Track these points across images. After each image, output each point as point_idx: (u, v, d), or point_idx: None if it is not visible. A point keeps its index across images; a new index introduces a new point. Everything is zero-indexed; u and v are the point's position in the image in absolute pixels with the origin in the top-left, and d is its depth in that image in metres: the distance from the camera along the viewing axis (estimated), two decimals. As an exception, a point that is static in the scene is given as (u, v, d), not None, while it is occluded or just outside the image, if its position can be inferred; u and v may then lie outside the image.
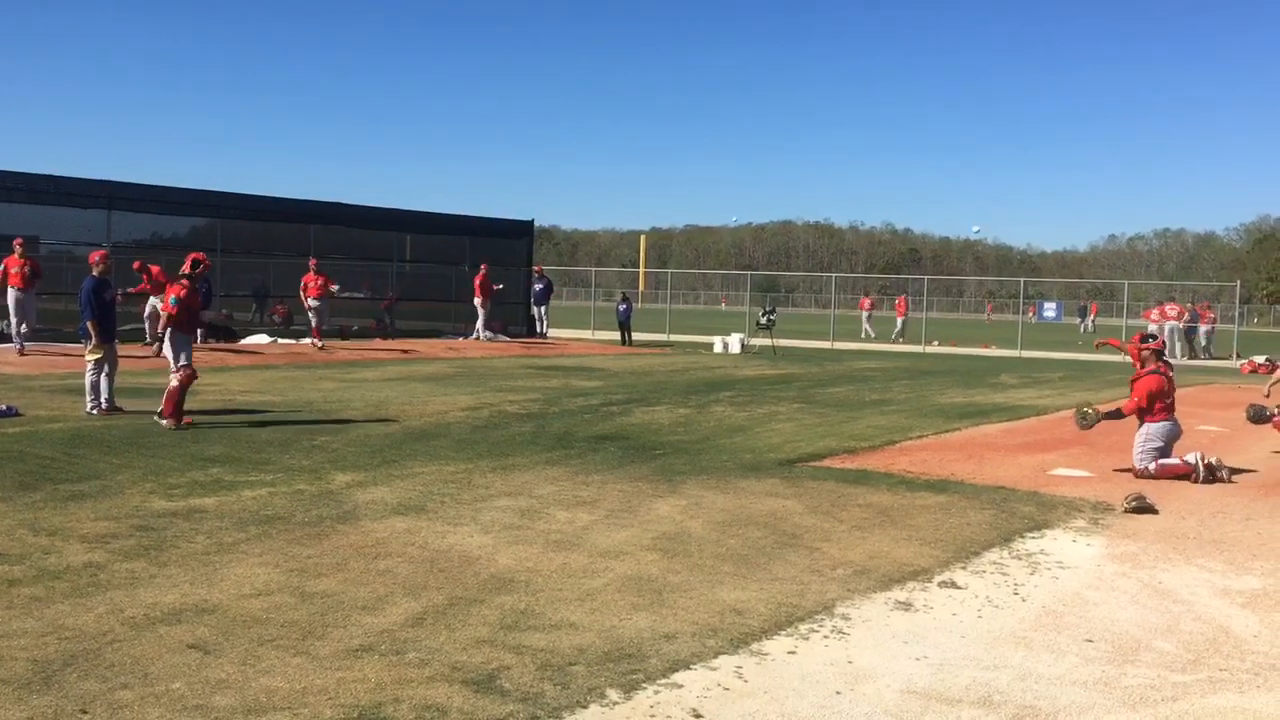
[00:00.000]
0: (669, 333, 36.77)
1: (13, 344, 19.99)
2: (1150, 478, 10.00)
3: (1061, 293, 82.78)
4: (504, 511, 7.86)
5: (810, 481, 9.44)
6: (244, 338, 24.67)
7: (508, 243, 32.53)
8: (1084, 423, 10.82)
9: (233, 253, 26.31)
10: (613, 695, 4.48)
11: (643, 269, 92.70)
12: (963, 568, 6.74)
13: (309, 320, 24.02)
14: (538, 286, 32.17)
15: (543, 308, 32.19)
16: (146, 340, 22.03)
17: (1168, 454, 10.24)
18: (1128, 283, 44.89)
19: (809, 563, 6.70)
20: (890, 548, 7.16)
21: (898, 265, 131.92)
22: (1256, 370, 26.93)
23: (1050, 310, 73.29)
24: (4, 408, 11.94)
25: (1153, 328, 33.11)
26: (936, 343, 37.20)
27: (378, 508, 7.84)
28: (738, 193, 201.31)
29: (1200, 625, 5.75)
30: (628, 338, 31.56)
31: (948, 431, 13.22)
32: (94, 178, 24.28)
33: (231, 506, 7.72)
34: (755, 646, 5.14)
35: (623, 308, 32.22)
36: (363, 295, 29.27)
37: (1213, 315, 35.47)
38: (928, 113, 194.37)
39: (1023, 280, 55.13)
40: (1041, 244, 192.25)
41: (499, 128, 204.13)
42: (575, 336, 34.22)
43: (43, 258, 22.38)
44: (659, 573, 6.35)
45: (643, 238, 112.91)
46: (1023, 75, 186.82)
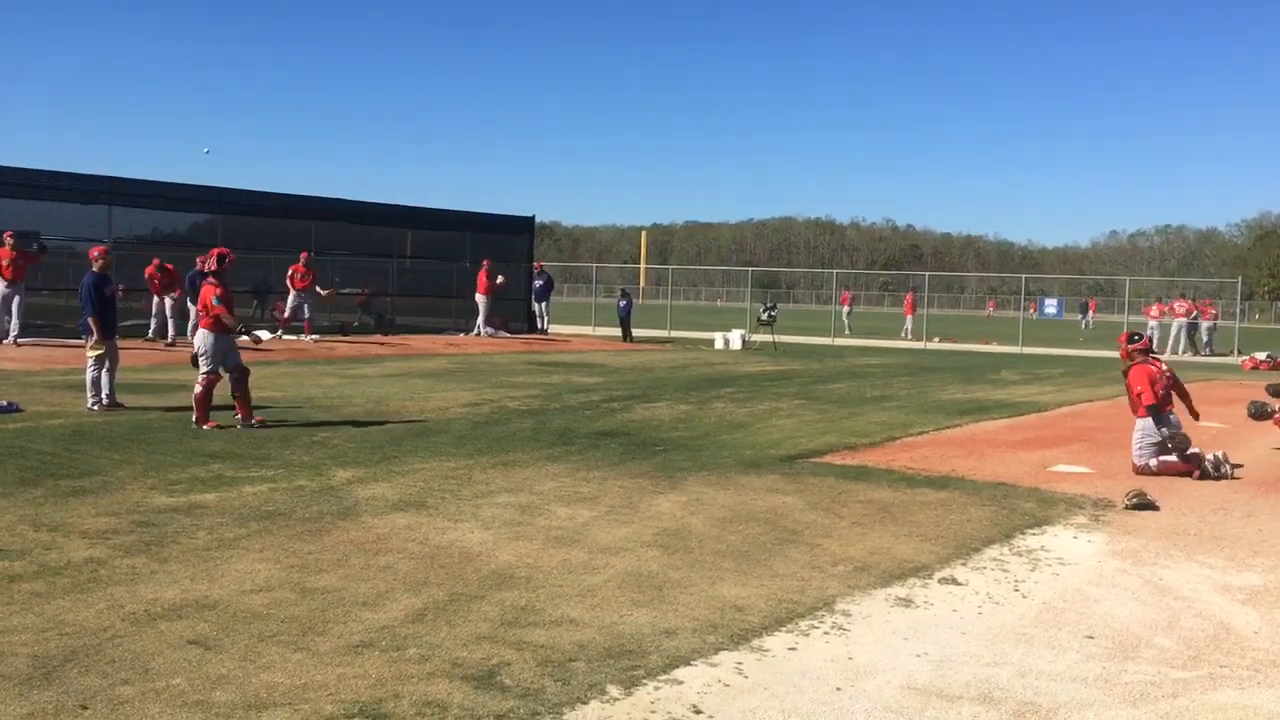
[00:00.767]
0: (670, 329, 36.75)
1: (8, 339, 20.04)
2: (1151, 474, 10.00)
3: (1063, 289, 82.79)
4: (504, 508, 7.86)
5: (811, 478, 9.44)
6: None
7: (509, 239, 32.52)
8: (1181, 445, 10.06)
9: (234, 248, 26.22)
10: (613, 691, 4.48)
11: (643, 265, 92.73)
12: (963, 564, 6.74)
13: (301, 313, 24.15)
14: (538, 283, 32.18)
15: (543, 304, 32.20)
16: (150, 336, 22.11)
17: (1165, 449, 10.23)
18: (1129, 279, 44.91)
19: (809, 559, 6.70)
20: (891, 544, 7.16)
21: (899, 261, 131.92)
22: (1258, 366, 26.92)
23: (1051, 306, 73.33)
24: (5, 403, 11.94)
25: (1151, 324, 33.13)
26: (938, 339, 37.20)
27: (378, 504, 7.84)
28: (739, 189, 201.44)
29: (1201, 622, 5.74)
30: (628, 334, 31.56)
31: (949, 428, 13.21)
32: (95, 173, 24.31)
33: (232, 502, 7.72)
34: (756, 643, 5.14)
35: (623, 304, 32.21)
36: (367, 291, 29.30)
37: (1214, 311, 35.46)
38: (929, 109, 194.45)
39: (1024, 276, 55.00)
40: (1043, 240, 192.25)
41: (501, 124, 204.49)
42: (576, 332, 34.21)
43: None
44: (659, 569, 6.35)
45: (644, 234, 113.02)
46: (1024, 71, 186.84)
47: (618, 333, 32.00)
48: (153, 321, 22.40)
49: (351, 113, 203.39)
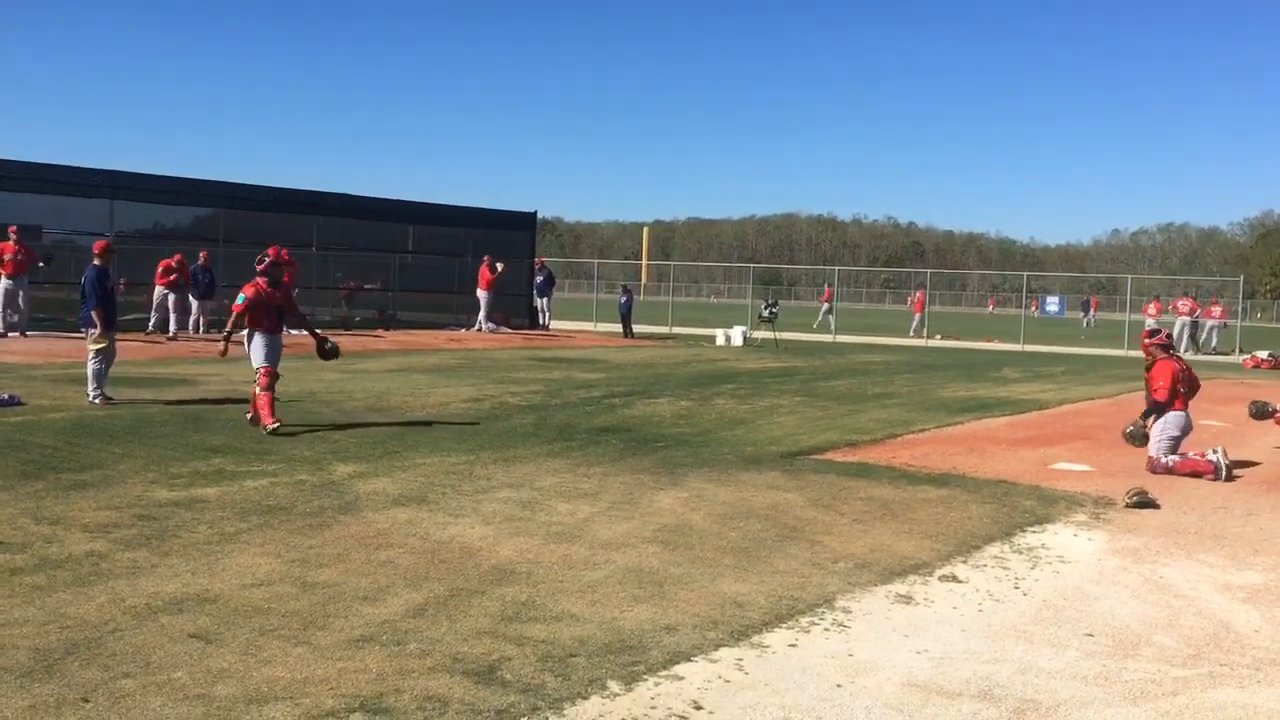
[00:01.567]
0: (671, 325, 36.75)
1: (13, 333, 20.07)
2: (1167, 472, 9.96)
3: (1064, 287, 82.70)
4: (505, 503, 7.86)
5: (812, 474, 9.44)
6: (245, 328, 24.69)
7: (510, 234, 32.50)
8: (1135, 442, 10.44)
9: (235, 243, 26.31)
10: (614, 687, 4.49)
11: (645, 261, 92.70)
12: (964, 561, 6.74)
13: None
14: (540, 278, 32.19)
15: (545, 300, 32.21)
16: (150, 330, 22.14)
17: (1179, 447, 10.23)
18: (1131, 277, 44.80)
19: (810, 556, 6.71)
20: (891, 541, 7.16)
21: (901, 259, 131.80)
22: (1259, 365, 26.91)
23: (1053, 304, 73.22)
24: (6, 397, 11.95)
25: (1150, 323, 33.13)
26: (939, 336, 37.18)
27: (379, 499, 7.85)
28: (740, 186, 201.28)
29: (1201, 620, 5.74)
30: (630, 330, 31.56)
31: (949, 425, 13.21)
32: (97, 167, 24.33)
33: (233, 496, 7.73)
34: (756, 639, 5.15)
35: (624, 300, 32.21)
36: (350, 285, 29.34)
37: (1219, 310, 35.44)
38: (932, 106, 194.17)
39: (1025, 274, 55.04)
40: (1044, 238, 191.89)
41: (503, 120, 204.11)
42: (577, 328, 34.23)
43: (45, 247, 22.42)
44: (660, 565, 6.35)
45: (645, 230, 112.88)
46: (1027, 68, 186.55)
47: (619, 329, 32.00)
48: (153, 315, 22.42)
49: (354, 108, 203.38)
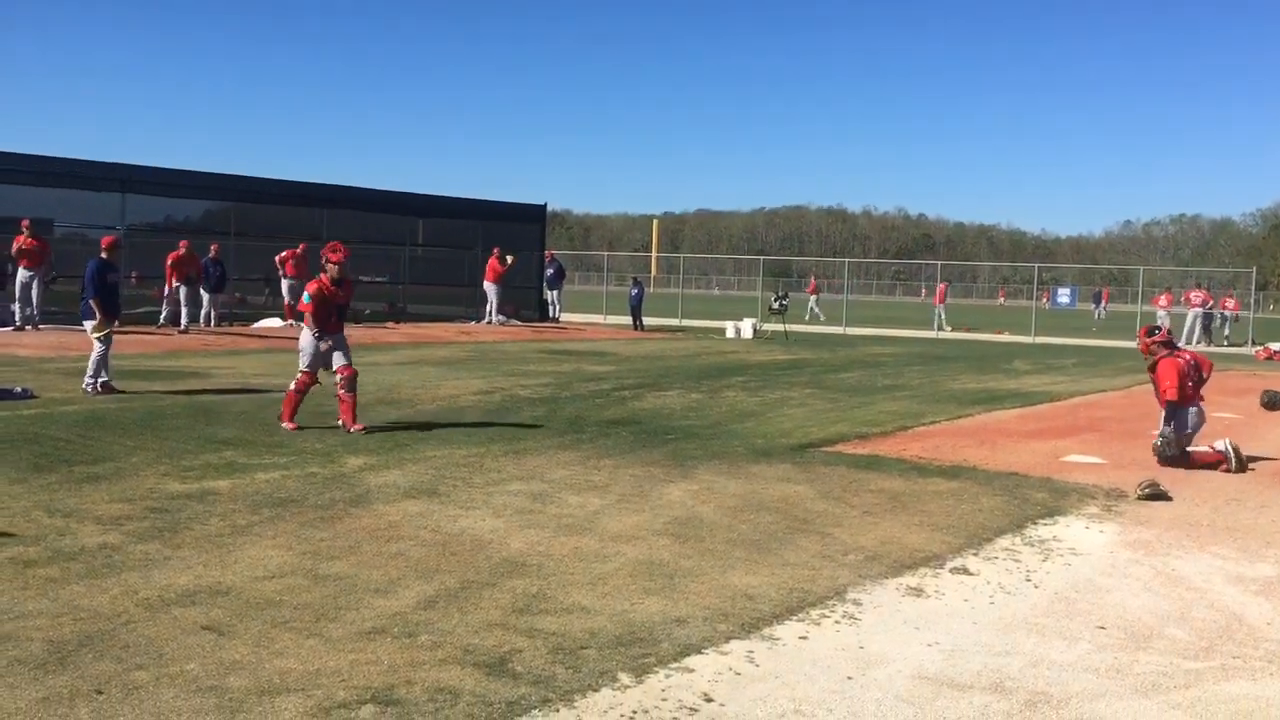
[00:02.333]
0: (681, 317, 36.73)
1: (16, 324, 20.15)
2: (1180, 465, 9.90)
3: (1076, 278, 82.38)
4: (516, 495, 7.87)
5: (822, 467, 9.43)
6: (256, 321, 24.78)
7: (520, 227, 32.52)
8: (1169, 450, 10.02)
9: (246, 236, 26.38)
10: (624, 679, 4.49)
11: (655, 253, 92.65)
12: (975, 554, 6.73)
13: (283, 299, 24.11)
14: (550, 271, 32.19)
15: (555, 292, 32.21)
16: (162, 322, 22.21)
17: (1192, 441, 10.19)
18: (1143, 268, 44.65)
19: (820, 548, 6.70)
20: (902, 533, 7.16)
21: (911, 250, 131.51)
22: (1272, 357, 26.80)
23: (1064, 296, 72.89)
24: (19, 390, 12.01)
25: (1160, 314, 32.99)
26: (950, 328, 37.11)
27: (390, 491, 7.87)
28: (751, 177, 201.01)
29: (1213, 613, 5.73)
30: (640, 322, 31.55)
31: (960, 417, 13.19)
32: (108, 160, 24.38)
33: (245, 489, 7.75)
34: (766, 631, 5.15)
35: (634, 292, 32.19)
36: (381, 279, 29.37)
37: (1233, 302, 35.32)
38: (942, 97, 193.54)
39: (1036, 266, 54.84)
40: (1056, 229, 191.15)
41: (512, 113, 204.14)
42: (587, 321, 34.23)
43: (56, 240, 22.50)
44: (670, 557, 6.35)
45: (655, 222, 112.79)
46: (1038, 59, 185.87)
47: (629, 321, 31.99)
48: (165, 308, 22.49)
49: (364, 102, 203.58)
